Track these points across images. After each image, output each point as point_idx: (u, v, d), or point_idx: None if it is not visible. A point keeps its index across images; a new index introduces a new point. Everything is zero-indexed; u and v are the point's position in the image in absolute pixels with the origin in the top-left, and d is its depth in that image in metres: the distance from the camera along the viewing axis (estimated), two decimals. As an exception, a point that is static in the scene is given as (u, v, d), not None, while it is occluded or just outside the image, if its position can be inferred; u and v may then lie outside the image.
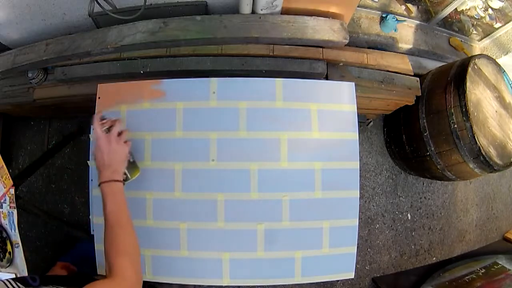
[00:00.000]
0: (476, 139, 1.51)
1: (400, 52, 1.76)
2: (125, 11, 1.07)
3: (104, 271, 0.73)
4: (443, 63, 1.88)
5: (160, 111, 1.05)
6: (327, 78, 1.36)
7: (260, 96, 1.06)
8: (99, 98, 1.07)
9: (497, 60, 1.79)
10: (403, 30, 1.91)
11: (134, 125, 1.05)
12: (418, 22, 1.95)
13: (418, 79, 1.57)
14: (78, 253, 1.55)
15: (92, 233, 1.07)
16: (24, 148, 2.06)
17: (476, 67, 1.60)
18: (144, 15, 1.09)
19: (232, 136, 1.03)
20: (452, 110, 1.58)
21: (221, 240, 1.02)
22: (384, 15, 1.85)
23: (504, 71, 1.73)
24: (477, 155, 1.55)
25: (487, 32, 2.07)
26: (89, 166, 1.10)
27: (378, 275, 2.05)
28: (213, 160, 1.02)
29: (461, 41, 2.05)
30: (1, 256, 1.24)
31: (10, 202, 1.23)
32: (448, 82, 1.62)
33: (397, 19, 1.85)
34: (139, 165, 0.97)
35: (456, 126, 1.57)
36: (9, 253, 1.24)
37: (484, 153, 1.52)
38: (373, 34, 1.85)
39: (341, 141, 1.07)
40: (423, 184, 2.21)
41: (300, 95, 1.07)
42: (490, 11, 2.01)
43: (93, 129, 0.84)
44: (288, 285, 1.33)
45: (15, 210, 1.22)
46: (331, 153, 1.06)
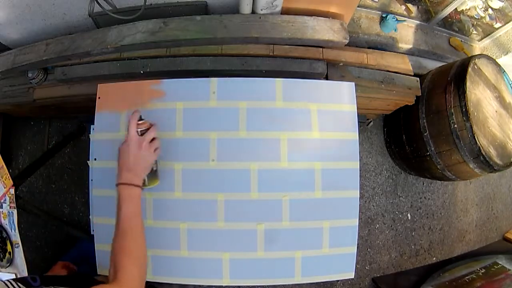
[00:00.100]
0: (476, 139, 1.51)
1: (400, 52, 1.76)
2: (125, 11, 1.07)
3: (108, 272, 0.72)
4: (443, 63, 1.88)
5: (160, 111, 1.05)
6: (327, 78, 1.36)
7: (260, 96, 1.05)
8: (99, 98, 1.07)
9: (497, 60, 1.79)
10: (403, 30, 1.91)
11: (134, 125, 1.05)
12: (418, 22, 1.95)
13: (418, 79, 1.57)
14: (78, 253, 1.56)
15: (92, 233, 1.07)
16: (24, 148, 2.06)
17: (476, 67, 1.60)
18: (144, 15, 1.09)
19: (232, 136, 1.03)
20: (452, 110, 1.58)
21: (221, 240, 1.02)
22: (384, 15, 1.85)
23: (504, 71, 1.73)
24: (477, 155, 1.55)
25: (487, 32, 2.07)
26: (89, 166, 1.10)
27: (378, 275, 2.05)
28: (213, 160, 1.02)
29: (461, 41, 2.05)
30: (1, 256, 1.24)
31: (10, 202, 1.23)
32: (448, 82, 1.62)
33: (397, 19, 1.85)
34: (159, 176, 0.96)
35: (456, 126, 1.57)
36: (9, 253, 1.24)
37: (484, 153, 1.52)
38: (373, 34, 1.85)
39: (341, 141, 1.06)
40: (423, 184, 2.21)
41: (300, 95, 1.07)
42: (490, 11, 2.01)
43: (128, 127, 0.82)
44: (288, 285, 1.33)
45: (15, 210, 1.22)
46: (331, 153, 1.06)
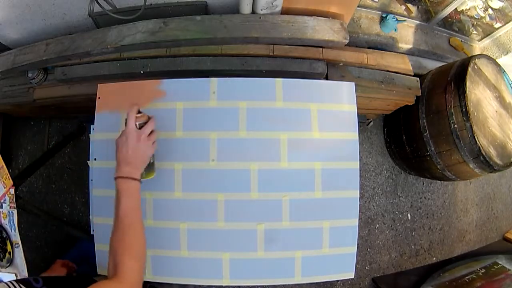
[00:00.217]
0: (476, 139, 1.51)
1: (400, 52, 1.76)
2: (125, 11, 1.07)
3: (106, 270, 0.72)
4: (443, 63, 1.88)
5: (160, 111, 1.04)
6: (327, 78, 1.36)
7: (260, 96, 1.05)
8: (99, 98, 1.07)
9: (497, 60, 1.79)
10: (403, 30, 1.91)
11: (134, 125, 1.05)
12: (418, 22, 1.95)
13: (418, 79, 1.57)
14: (78, 253, 1.56)
15: (92, 233, 1.07)
16: (24, 148, 2.06)
17: (476, 67, 1.60)
18: (144, 15, 1.09)
19: (232, 136, 1.03)
20: (452, 110, 1.58)
21: (221, 240, 1.02)
22: (384, 15, 1.85)
23: (504, 71, 1.73)
24: (477, 155, 1.55)
25: (487, 32, 2.07)
26: (89, 166, 1.10)
27: (378, 275, 2.05)
28: (213, 160, 1.02)
29: (461, 41, 2.05)
30: (1, 256, 1.24)
31: (10, 202, 1.23)
32: (448, 82, 1.62)
33: (397, 19, 1.85)
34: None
35: (456, 126, 1.57)
36: (9, 253, 1.24)
37: (484, 153, 1.52)
38: (373, 34, 1.85)
39: (341, 141, 1.06)
40: (423, 184, 2.21)
41: (300, 95, 1.07)
42: (490, 11, 2.01)
43: (127, 119, 0.81)
44: (288, 285, 1.33)
45: (15, 210, 1.22)
46: (331, 153, 1.06)
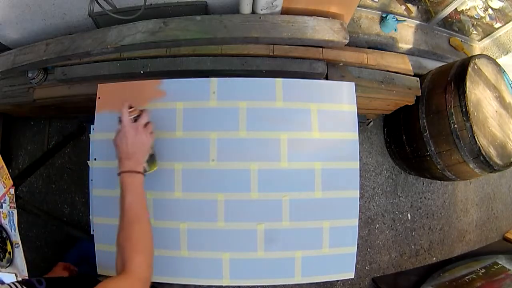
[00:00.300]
0: (476, 139, 1.51)
1: (400, 52, 1.76)
2: (125, 11, 1.07)
3: (108, 269, 0.71)
4: (443, 63, 1.88)
5: (160, 111, 1.05)
6: (327, 78, 1.36)
7: (260, 96, 1.05)
8: (99, 98, 1.07)
9: (497, 60, 1.79)
10: (403, 30, 1.91)
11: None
12: (418, 22, 1.95)
13: (418, 79, 1.57)
14: (78, 253, 1.55)
15: (92, 233, 1.07)
16: (24, 148, 2.06)
17: (476, 67, 1.60)
18: (144, 15, 1.09)
19: (232, 136, 1.03)
20: (452, 110, 1.58)
21: (221, 240, 1.02)
22: (384, 15, 1.85)
23: (504, 71, 1.73)
24: (477, 155, 1.55)
25: (487, 32, 2.07)
26: (89, 166, 1.10)
27: (378, 275, 2.05)
28: (213, 160, 1.02)
29: (461, 41, 2.05)
30: (1, 256, 1.24)
31: (10, 202, 1.23)
32: (448, 82, 1.62)
33: (397, 19, 1.85)
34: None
35: (456, 126, 1.57)
36: (9, 253, 1.24)
37: (484, 153, 1.52)
38: (373, 34, 1.85)
39: (341, 141, 1.06)
40: (423, 184, 2.21)
41: (300, 95, 1.07)
42: (490, 11, 2.01)
43: (121, 116, 0.81)
44: (288, 285, 1.33)
45: (15, 210, 1.22)
46: (331, 153, 1.06)
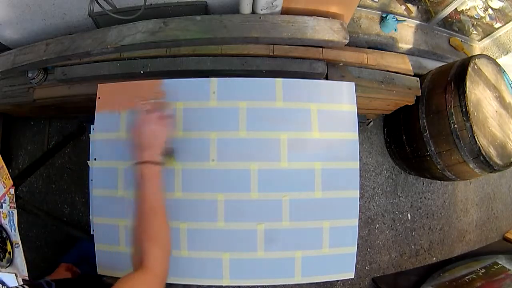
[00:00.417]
0: (476, 139, 1.51)
1: (400, 52, 1.76)
2: (125, 11, 1.07)
3: (132, 263, 0.67)
4: (443, 63, 1.88)
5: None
6: (327, 78, 1.36)
7: (260, 96, 1.05)
8: (99, 98, 1.07)
9: (497, 60, 1.79)
10: (403, 30, 1.91)
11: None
12: (418, 22, 1.95)
13: (418, 79, 1.57)
14: (78, 253, 1.56)
15: (92, 233, 1.07)
16: (24, 148, 2.06)
17: (476, 67, 1.60)
18: (144, 15, 1.09)
19: (232, 136, 1.03)
20: (452, 110, 1.57)
21: (221, 240, 1.02)
22: (384, 15, 1.85)
23: (504, 71, 1.73)
24: (477, 155, 1.55)
25: (487, 32, 2.07)
26: (89, 166, 1.10)
27: (378, 275, 2.05)
28: (213, 160, 1.02)
29: (461, 41, 2.05)
30: (1, 256, 1.24)
31: (10, 202, 1.23)
32: (448, 82, 1.62)
33: (397, 19, 1.85)
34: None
35: (456, 126, 1.57)
36: (9, 253, 1.24)
37: (484, 153, 1.52)
38: (373, 34, 1.85)
39: (341, 141, 1.06)
40: (423, 184, 2.21)
41: (300, 95, 1.07)
42: (490, 11, 2.01)
43: (136, 107, 0.81)
44: (288, 285, 1.33)
45: (15, 210, 1.22)
46: (331, 153, 1.06)
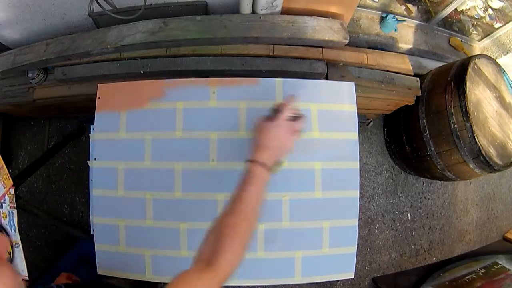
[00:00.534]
0: (476, 139, 1.51)
1: (400, 52, 1.76)
2: (125, 11, 1.07)
3: (198, 252, 0.64)
4: (443, 63, 1.88)
5: (160, 111, 1.05)
6: (327, 78, 1.35)
7: (260, 96, 1.05)
8: (99, 98, 1.08)
9: (497, 60, 1.79)
10: (403, 30, 1.91)
11: (134, 125, 1.05)
12: (418, 22, 1.95)
13: (418, 79, 1.57)
14: (78, 253, 1.56)
15: (92, 233, 1.07)
16: (24, 148, 2.06)
17: (476, 67, 1.60)
18: (144, 15, 1.09)
19: (232, 136, 1.03)
20: (452, 110, 1.57)
21: (221, 240, 1.02)
22: (384, 15, 1.85)
23: (504, 71, 1.73)
24: (477, 155, 1.55)
25: (487, 32, 2.07)
26: (89, 166, 1.10)
27: (378, 275, 2.05)
28: (213, 160, 1.02)
29: (461, 41, 2.05)
30: (1, 256, 1.24)
31: (10, 202, 1.23)
32: (448, 82, 1.62)
33: (397, 19, 1.85)
34: None
35: (456, 126, 1.57)
36: (9, 253, 1.23)
37: (484, 153, 1.52)
38: (373, 34, 1.85)
39: (341, 141, 1.06)
40: (423, 184, 2.21)
41: (300, 95, 1.06)
42: (490, 11, 2.01)
43: (282, 110, 0.79)
44: (288, 285, 1.33)
45: (15, 210, 1.22)
46: (331, 153, 1.06)
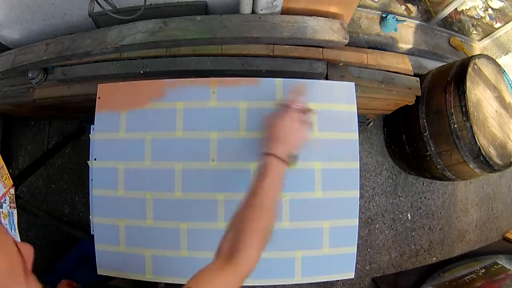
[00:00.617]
0: (476, 139, 1.51)
1: (400, 52, 1.76)
2: (125, 11, 1.07)
3: (218, 247, 0.63)
4: (443, 63, 1.88)
5: (160, 111, 1.05)
6: (327, 78, 1.35)
7: (260, 96, 1.05)
8: (99, 98, 1.07)
9: (497, 60, 1.79)
10: (403, 30, 1.91)
11: (134, 125, 1.05)
12: (418, 22, 1.95)
13: (418, 79, 1.57)
14: (78, 253, 1.56)
15: (92, 233, 1.07)
16: (24, 148, 2.06)
17: (476, 67, 1.60)
18: (144, 15, 1.09)
19: (232, 136, 1.03)
20: (452, 110, 1.57)
21: (221, 240, 1.02)
22: (384, 15, 1.85)
23: (504, 71, 1.73)
24: (477, 155, 1.55)
25: (487, 32, 2.07)
26: (89, 166, 1.10)
27: (378, 275, 2.05)
28: (213, 160, 1.02)
29: (461, 41, 2.05)
30: (1, 256, 1.24)
31: (10, 202, 1.23)
32: (448, 82, 1.62)
33: (397, 19, 1.85)
34: None
35: (456, 126, 1.57)
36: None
37: (484, 153, 1.52)
38: (373, 34, 1.85)
39: (341, 141, 1.06)
40: (423, 184, 2.21)
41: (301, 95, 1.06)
42: (490, 11, 2.01)
43: (291, 102, 0.79)
44: (288, 285, 1.33)
45: (15, 210, 1.22)
46: (331, 153, 1.06)
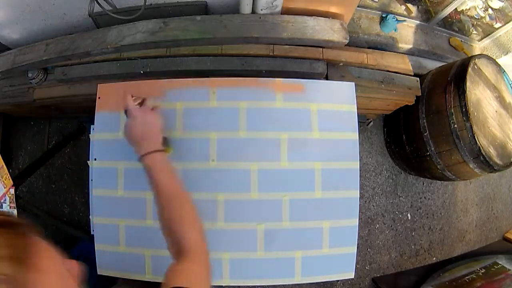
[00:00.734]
0: (476, 139, 1.51)
1: (400, 52, 1.76)
2: (125, 11, 1.07)
3: (173, 255, 0.65)
4: (443, 63, 1.88)
5: (160, 111, 1.04)
6: (327, 78, 1.36)
7: (260, 96, 1.06)
8: (99, 98, 1.08)
9: (497, 60, 1.79)
10: (403, 30, 1.91)
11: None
12: (418, 22, 1.95)
13: (418, 79, 1.57)
14: (78, 253, 1.55)
15: (92, 233, 1.07)
16: (24, 148, 2.06)
17: (476, 67, 1.60)
18: (144, 15, 1.09)
19: (232, 136, 1.03)
20: (452, 110, 1.58)
21: (221, 240, 1.02)
22: (384, 15, 1.85)
23: (504, 71, 1.73)
24: (477, 155, 1.55)
25: (487, 32, 2.07)
26: (89, 166, 1.10)
27: (378, 275, 2.05)
28: (213, 160, 1.02)
29: (461, 41, 2.05)
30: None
31: (10, 202, 1.23)
32: (448, 82, 1.62)
33: (397, 19, 1.84)
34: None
35: (456, 126, 1.57)
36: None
37: (484, 153, 1.52)
38: (373, 34, 1.85)
39: (341, 141, 1.07)
40: (423, 184, 2.21)
41: (300, 95, 1.07)
42: (490, 11, 2.01)
43: (127, 104, 0.81)
44: (288, 285, 1.33)
45: (15, 210, 1.22)
46: (331, 153, 1.06)
